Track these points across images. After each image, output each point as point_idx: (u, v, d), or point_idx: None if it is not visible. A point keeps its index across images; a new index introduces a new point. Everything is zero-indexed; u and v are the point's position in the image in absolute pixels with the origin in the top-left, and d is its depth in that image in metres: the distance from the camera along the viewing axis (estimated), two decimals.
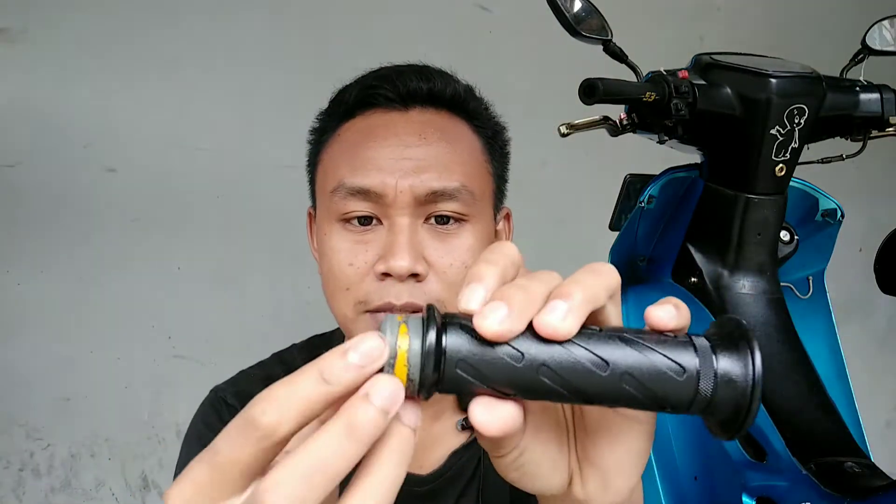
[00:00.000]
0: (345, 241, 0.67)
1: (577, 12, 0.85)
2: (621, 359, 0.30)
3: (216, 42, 1.68)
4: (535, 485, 0.36)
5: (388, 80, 0.69)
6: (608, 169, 1.21)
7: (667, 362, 0.31)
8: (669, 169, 0.95)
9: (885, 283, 0.98)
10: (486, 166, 0.72)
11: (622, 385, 0.30)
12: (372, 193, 0.65)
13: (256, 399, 0.29)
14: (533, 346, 0.30)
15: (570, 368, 0.30)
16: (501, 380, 0.30)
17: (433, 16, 1.80)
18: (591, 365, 0.30)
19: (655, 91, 0.81)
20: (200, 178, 1.71)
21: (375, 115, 0.69)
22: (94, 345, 1.70)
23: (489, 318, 0.29)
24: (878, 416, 2.29)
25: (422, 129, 0.67)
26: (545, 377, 0.30)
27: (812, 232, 0.96)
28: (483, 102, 0.75)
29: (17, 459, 1.70)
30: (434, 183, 0.65)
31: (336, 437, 0.27)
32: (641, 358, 0.31)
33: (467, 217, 0.67)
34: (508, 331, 0.29)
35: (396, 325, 0.30)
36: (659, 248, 0.98)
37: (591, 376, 0.30)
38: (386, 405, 0.28)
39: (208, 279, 1.74)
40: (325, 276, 0.69)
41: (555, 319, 0.30)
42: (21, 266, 1.65)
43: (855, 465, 0.73)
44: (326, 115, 0.74)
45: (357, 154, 0.67)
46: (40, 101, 1.61)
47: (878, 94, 0.90)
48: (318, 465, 0.27)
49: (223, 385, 0.83)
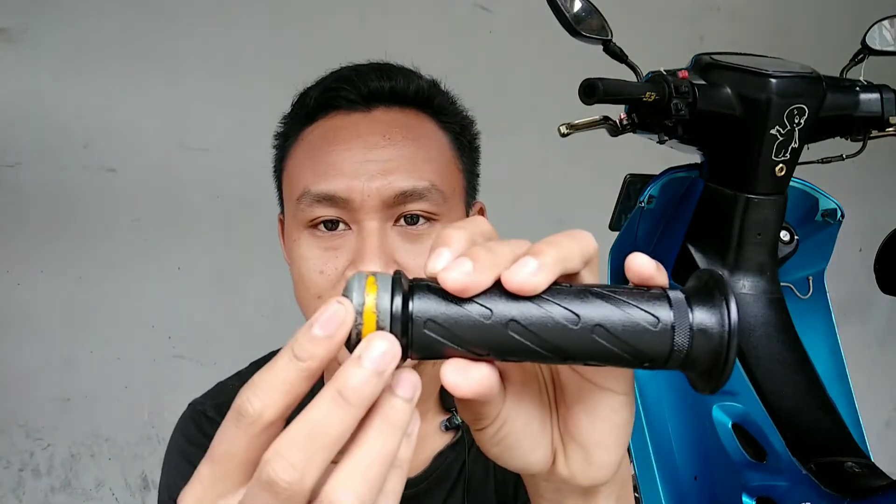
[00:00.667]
0: (314, 249, 0.65)
1: (577, 12, 0.85)
2: (593, 312, 0.30)
3: (216, 42, 1.68)
4: (517, 461, 0.36)
5: (349, 81, 0.67)
6: (608, 169, 1.21)
7: (641, 314, 0.30)
8: (669, 169, 0.95)
9: (885, 283, 0.98)
10: (454, 163, 0.70)
11: (595, 338, 0.30)
12: (338, 199, 0.63)
13: (241, 390, 0.29)
14: (501, 303, 0.30)
15: (539, 323, 0.30)
16: (471, 338, 0.30)
17: (433, 16, 1.80)
18: (562, 319, 0.30)
19: (655, 91, 0.81)
20: (200, 178, 1.71)
21: (338, 118, 0.67)
22: (94, 345, 1.70)
23: (454, 272, 0.29)
24: (878, 416, 2.29)
25: (386, 129, 0.65)
26: (515, 333, 0.30)
27: (812, 232, 0.96)
28: (449, 97, 0.72)
29: (17, 459, 1.70)
30: (402, 183, 0.63)
31: (327, 402, 0.27)
32: (614, 310, 0.30)
33: (437, 216, 0.65)
34: (474, 283, 0.29)
35: (364, 280, 0.30)
36: (659, 248, 0.98)
37: (562, 331, 0.30)
38: (377, 366, 0.28)
39: (208, 279, 1.74)
40: (296, 283, 0.68)
41: (524, 274, 0.30)
42: (21, 266, 1.65)
43: (855, 465, 0.73)
44: (289, 120, 0.73)
45: (321, 159, 0.65)
46: (40, 101, 1.61)
47: (878, 94, 0.90)
48: (313, 432, 0.27)
49: (201, 399, 0.81)
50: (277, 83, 1.71)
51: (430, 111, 0.70)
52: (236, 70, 1.69)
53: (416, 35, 1.71)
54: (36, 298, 1.66)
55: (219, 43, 1.68)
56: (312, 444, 0.27)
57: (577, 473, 0.36)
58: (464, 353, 0.30)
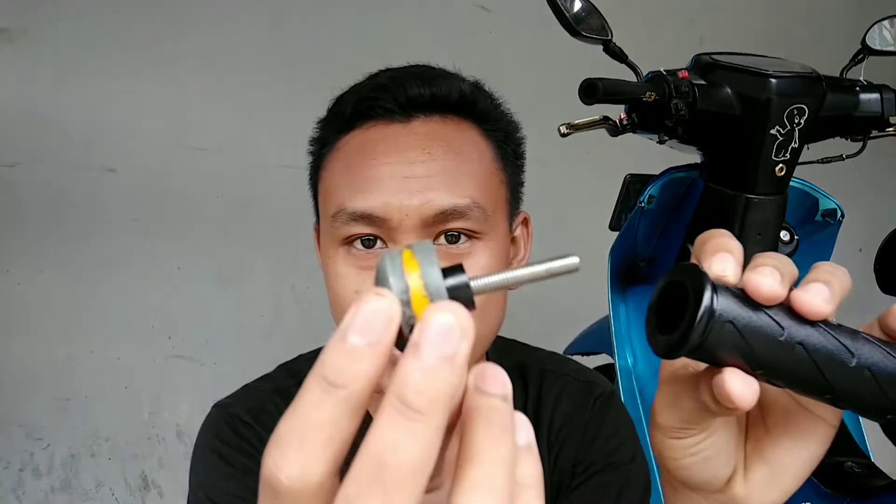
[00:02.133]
0: (350, 267, 0.62)
1: (577, 12, 0.85)
2: (867, 353, 0.30)
3: (216, 42, 1.68)
4: (706, 474, 0.35)
5: (387, 90, 0.63)
6: (608, 169, 1.21)
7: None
8: (669, 169, 0.95)
9: (885, 283, 0.98)
10: (497, 175, 0.66)
11: (863, 379, 0.29)
12: (375, 217, 0.60)
13: (267, 450, 0.22)
14: (791, 324, 0.29)
15: (822, 352, 0.29)
16: (760, 351, 0.29)
17: (433, 16, 1.80)
18: (839, 353, 0.29)
19: (655, 91, 0.81)
20: (200, 178, 1.71)
21: (375, 129, 0.63)
22: (94, 345, 1.70)
23: (768, 277, 0.29)
24: None
25: (426, 142, 0.62)
26: (800, 356, 0.29)
27: (812, 232, 0.96)
28: (493, 100, 0.69)
29: (17, 459, 1.70)
30: (442, 202, 0.60)
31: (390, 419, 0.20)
32: (885, 356, 0.30)
33: (479, 234, 0.62)
34: (781, 294, 0.29)
35: (398, 257, 0.23)
36: (659, 248, 0.98)
37: (839, 366, 0.29)
38: (444, 349, 0.21)
39: (208, 279, 1.74)
40: (332, 300, 0.65)
41: (819, 300, 0.30)
42: (21, 266, 1.65)
43: (855, 465, 0.73)
44: (325, 125, 0.69)
45: (357, 174, 0.62)
46: (40, 101, 1.61)
47: (878, 94, 0.90)
48: (382, 466, 0.20)
49: (229, 401, 0.76)
50: (277, 83, 1.72)
51: (473, 118, 0.66)
52: (236, 70, 1.69)
53: (416, 35, 1.71)
54: (36, 298, 1.66)
55: (219, 43, 1.68)
56: (388, 486, 0.20)
57: (755, 494, 0.35)
58: (742, 363, 0.29)
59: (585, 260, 0.36)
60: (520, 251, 0.74)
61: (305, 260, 1.84)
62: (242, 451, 0.70)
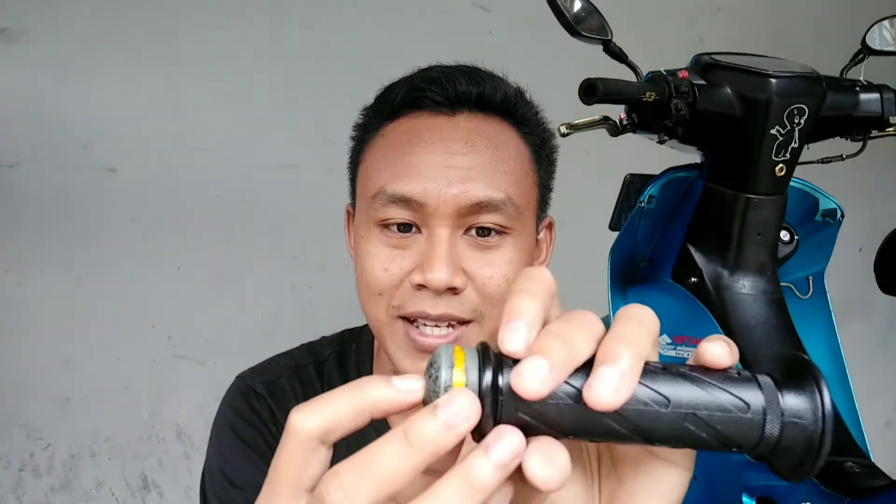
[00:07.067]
0: (382, 246, 0.65)
1: (577, 12, 0.85)
2: (683, 395, 0.29)
3: (216, 42, 1.68)
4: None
5: (437, 83, 0.67)
6: (608, 169, 1.21)
7: (731, 399, 0.29)
8: (669, 169, 0.95)
9: (885, 283, 0.98)
10: (532, 176, 0.69)
11: (685, 424, 0.29)
12: (413, 202, 0.63)
13: (323, 480, 0.27)
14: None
15: (630, 408, 0.28)
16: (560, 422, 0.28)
17: (433, 16, 1.80)
18: (653, 403, 0.29)
19: (655, 91, 0.81)
20: (200, 178, 1.71)
21: (421, 119, 0.67)
22: (94, 345, 1.70)
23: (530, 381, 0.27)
24: (878, 416, 2.30)
25: (469, 135, 0.65)
26: (608, 418, 0.28)
27: (812, 232, 0.96)
28: (533, 107, 0.72)
29: (17, 459, 1.70)
30: (479, 193, 0.63)
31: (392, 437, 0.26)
32: (704, 394, 0.29)
33: (509, 230, 0.65)
34: (552, 386, 0.28)
35: (451, 352, 0.29)
36: (659, 248, 0.98)
37: (653, 416, 0.29)
38: (449, 419, 0.26)
39: (208, 279, 1.74)
40: (359, 278, 0.68)
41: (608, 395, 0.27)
42: (21, 266, 1.65)
43: (855, 465, 0.73)
44: (371, 113, 0.72)
45: (400, 159, 0.65)
46: (40, 101, 1.61)
47: (878, 94, 0.90)
48: (370, 462, 0.26)
49: (248, 373, 0.80)
50: (277, 83, 1.72)
51: (514, 121, 0.69)
52: (236, 70, 1.69)
53: (416, 35, 1.71)
54: (36, 298, 1.66)
55: (218, 43, 1.68)
56: (365, 473, 0.26)
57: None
58: (548, 431, 0.29)
59: (586, 260, 0.36)
60: (542, 253, 0.77)
61: (305, 260, 1.84)
62: (253, 425, 0.74)
